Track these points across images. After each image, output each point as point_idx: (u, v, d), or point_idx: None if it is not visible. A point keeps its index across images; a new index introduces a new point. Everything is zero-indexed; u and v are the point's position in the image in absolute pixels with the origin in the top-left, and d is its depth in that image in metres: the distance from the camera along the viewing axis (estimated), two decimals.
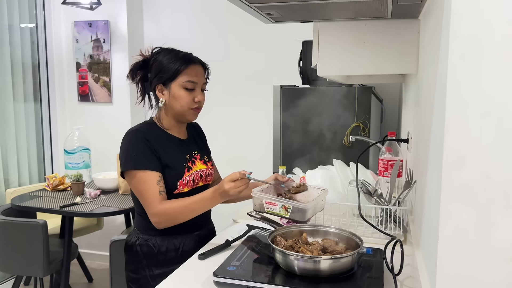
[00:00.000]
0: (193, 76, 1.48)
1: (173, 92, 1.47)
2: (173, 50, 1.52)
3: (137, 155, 1.43)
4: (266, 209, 1.36)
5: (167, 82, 1.48)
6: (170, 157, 1.48)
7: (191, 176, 1.51)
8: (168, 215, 1.41)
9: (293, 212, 1.31)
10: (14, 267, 2.57)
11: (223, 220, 1.92)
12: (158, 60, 1.49)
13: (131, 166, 1.43)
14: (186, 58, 1.49)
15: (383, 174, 1.69)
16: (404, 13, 1.38)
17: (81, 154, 3.21)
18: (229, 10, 3.35)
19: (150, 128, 1.51)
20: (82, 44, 3.59)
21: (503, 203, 0.69)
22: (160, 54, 1.50)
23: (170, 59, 1.48)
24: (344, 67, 1.55)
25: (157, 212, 1.41)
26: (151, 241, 1.49)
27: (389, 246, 1.19)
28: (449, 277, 0.73)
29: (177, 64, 1.46)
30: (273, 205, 1.34)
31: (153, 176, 1.42)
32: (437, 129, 0.82)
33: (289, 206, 1.32)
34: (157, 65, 1.49)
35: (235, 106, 3.48)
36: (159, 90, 1.50)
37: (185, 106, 1.49)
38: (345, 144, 2.48)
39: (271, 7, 1.30)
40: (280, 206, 1.33)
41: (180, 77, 1.46)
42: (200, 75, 1.51)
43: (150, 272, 1.49)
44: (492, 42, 0.68)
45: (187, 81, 1.47)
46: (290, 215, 1.32)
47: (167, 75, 1.47)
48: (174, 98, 1.48)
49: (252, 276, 1.11)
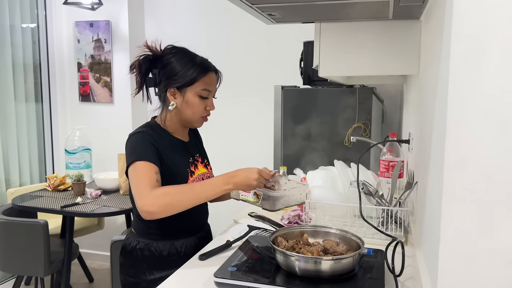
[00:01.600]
0: (209, 85, 1.46)
1: (187, 98, 1.45)
2: (188, 53, 1.48)
3: (141, 148, 1.40)
4: (241, 196, 1.40)
5: (182, 87, 1.44)
6: (175, 161, 1.46)
7: (194, 180, 1.50)
8: (164, 196, 1.30)
9: (263, 199, 1.33)
10: (15, 267, 2.57)
11: (224, 220, 1.92)
12: (172, 62, 1.45)
13: (134, 158, 1.38)
14: (204, 66, 1.46)
15: (384, 175, 1.68)
16: (406, 14, 1.38)
17: (82, 154, 3.21)
18: (231, 11, 3.35)
19: (154, 130, 1.48)
20: (84, 44, 3.59)
21: (505, 204, 0.69)
22: (174, 56, 1.46)
23: (187, 64, 1.44)
24: (345, 68, 1.54)
25: (151, 195, 1.29)
26: (152, 246, 1.47)
27: (390, 247, 1.19)
28: (450, 278, 0.73)
29: (195, 72, 1.43)
30: (246, 192, 1.38)
31: (153, 167, 1.38)
32: (439, 130, 0.82)
33: (260, 193, 1.34)
34: (171, 67, 1.44)
35: (236, 106, 3.48)
36: (171, 93, 1.45)
37: (196, 114, 1.47)
38: (346, 145, 2.48)
39: (273, 8, 1.30)
40: (252, 193, 1.36)
41: (196, 84, 1.44)
42: (214, 83, 1.50)
43: (151, 276, 1.46)
44: (494, 43, 0.68)
45: (203, 89, 1.45)
46: (260, 202, 1.34)
47: (183, 80, 1.43)
48: (187, 104, 1.45)
49: (253, 276, 1.11)
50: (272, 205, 1.33)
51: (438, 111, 0.86)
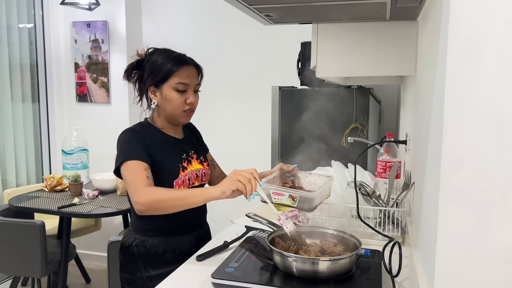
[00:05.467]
0: (185, 77, 1.47)
1: (164, 94, 1.47)
2: (167, 50, 1.50)
3: (128, 148, 1.42)
4: (273, 200, 1.33)
5: (158, 83, 1.47)
6: (165, 157, 1.48)
7: (186, 176, 1.51)
8: (154, 196, 1.32)
9: (300, 201, 1.30)
10: (12, 267, 2.56)
11: (221, 221, 1.92)
12: (152, 61, 1.48)
13: (122, 158, 1.41)
14: (178, 59, 1.47)
15: (382, 175, 1.69)
16: (403, 15, 1.38)
17: (79, 155, 3.20)
18: (228, 11, 3.35)
19: (144, 128, 1.51)
20: (81, 44, 3.58)
21: (501, 204, 0.69)
22: (154, 55, 1.49)
23: (163, 60, 1.46)
24: (343, 69, 1.55)
25: (143, 192, 1.32)
26: (147, 242, 1.49)
27: (387, 248, 1.19)
28: (447, 278, 0.74)
29: (168, 65, 1.45)
30: (280, 195, 1.32)
31: (142, 165, 1.39)
32: (435, 130, 0.82)
33: (296, 196, 1.30)
34: (150, 66, 1.48)
35: (234, 107, 3.48)
36: (151, 91, 1.49)
37: (177, 108, 1.48)
38: (344, 145, 2.48)
39: (270, 9, 1.30)
40: (287, 196, 1.31)
41: (171, 79, 1.45)
42: (193, 76, 1.49)
43: (146, 273, 1.48)
44: (490, 44, 0.68)
45: (178, 83, 1.46)
46: (297, 205, 1.31)
47: (159, 76, 1.46)
48: (165, 100, 1.47)
49: (250, 277, 1.11)
50: (310, 205, 1.31)
51: (434, 112, 0.86)
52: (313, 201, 1.30)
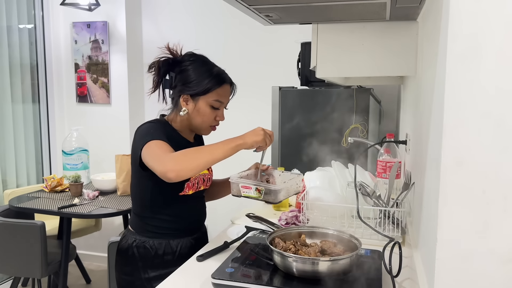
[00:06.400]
0: (222, 96, 1.49)
1: (198, 107, 1.47)
2: (206, 62, 1.51)
3: (153, 131, 1.41)
4: (242, 193, 1.44)
5: (195, 95, 1.46)
6: None
7: (196, 179, 1.52)
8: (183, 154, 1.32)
9: (266, 193, 1.39)
10: (12, 268, 2.56)
11: (221, 221, 1.92)
12: (189, 70, 1.47)
13: (149, 138, 1.38)
14: (220, 78, 1.48)
15: (382, 175, 1.69)
16: (403, 15, 1.38)
17: (79, 155, 3.20)
18: (228, 12, 3.34)
19: (163, 125, 1.50)
20: (81, 45, 3.58)
21: (501, 205, 0.69)
22: (192, 64, 1.48)
23: (203, 73, 1.46)
24: (343, 69, 1.55)
25: (169, 156, 1.31)
26: (148, 243, 1.48)
27: (387, 248, 1.19)
28: (447, 279, 0.74)
29: (210, 82, 1.45)
30: (248, 188, 1.42)
31: (167, 145, 1.38)
32: (436, 130, 0.82)
33: (262, 188, 1.39)
34: (188, 74, 1.47)
35: (234, 107, 3.46)
36: (184, 99, 1.48)
37: (206, 123, 1.50)
38: (344, 146, 2.48)
39: (270, 9, 1.30)
40: (254, 189, 1.41)
41: (209, 94, 1.46)
42: (228, 95, 1.53)
43: (145, 274, 1.47)
44: (490, 44, 0.68)
45: (216, 100, 1.47)
46: (263, 197, 1.40)
47: (197, 89, 1.45)
48: (198, 112, 1.48)
49: (250, 278, 1.11)
50: (275, 198, 1.39)
51: (435, 112, 0.86)
52: (277, 193, 1.38)
